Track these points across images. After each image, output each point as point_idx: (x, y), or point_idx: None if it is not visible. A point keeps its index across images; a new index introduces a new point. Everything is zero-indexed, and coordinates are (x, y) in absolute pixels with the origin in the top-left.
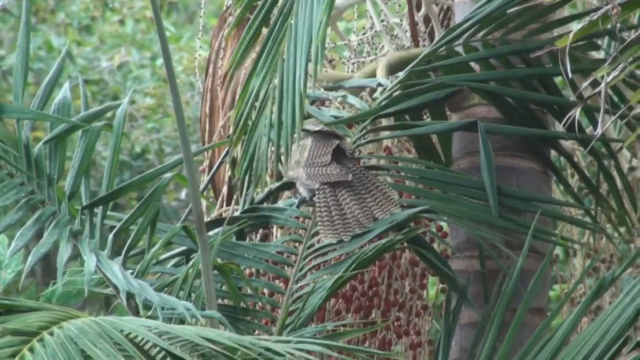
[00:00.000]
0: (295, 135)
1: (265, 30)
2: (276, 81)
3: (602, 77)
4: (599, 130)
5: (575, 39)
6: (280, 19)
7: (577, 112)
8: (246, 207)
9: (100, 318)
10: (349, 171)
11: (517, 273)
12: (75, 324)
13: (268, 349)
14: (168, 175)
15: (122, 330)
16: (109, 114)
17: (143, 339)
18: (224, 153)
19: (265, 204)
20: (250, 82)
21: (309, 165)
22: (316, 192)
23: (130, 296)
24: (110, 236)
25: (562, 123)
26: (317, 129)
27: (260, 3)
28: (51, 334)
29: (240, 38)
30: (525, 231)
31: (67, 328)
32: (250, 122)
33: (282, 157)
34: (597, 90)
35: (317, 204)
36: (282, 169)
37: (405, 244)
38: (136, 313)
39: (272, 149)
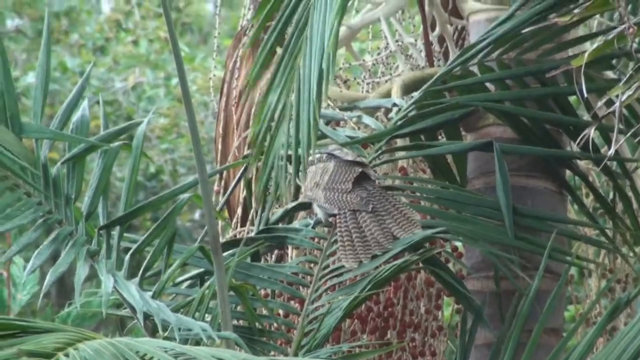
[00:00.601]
0: (312, 150)
1: (280, 49)
2: (293, 96)
3: (617, 96)
4: (612, 150)
5: (591, 58)
6: (296, 33)
7: (591, 132)
8: (261, 227)
9: (116, 339)
10: (369, 201)
11: (533, 293)
12: (91, 345)
13: None
14: (185, 195)
15: (137, 352)
16: (123, 134)
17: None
18: (239, 174)
19: (280, 225)
20: (267, 98)
21: (329, 189)
22: (337, 215)
23: (146, 317)
24: (127, 257)
25: (577, 143)
26: (348, 158)
27: (274, 22)
28: (66, 355)
29: (254, 58)
30: (540, 251)
31: (82, 349)
32: (268, 138)
33: (299, 173)
34: (611, 109)
35: (337, 228)
36: (300, 183)
37: (421, 265)
38: (152, 334)
39: (290, 165)
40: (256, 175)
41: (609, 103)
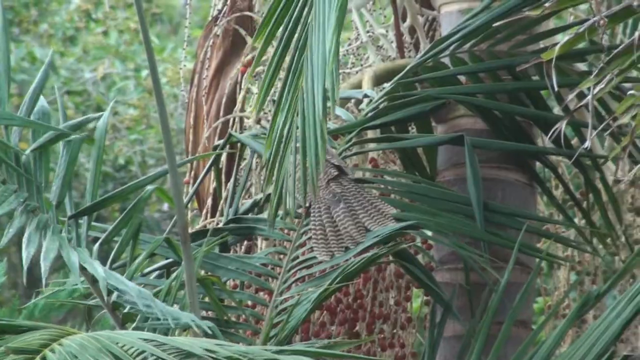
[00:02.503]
0: (320, 167)
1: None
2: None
3: (589, 88)
4: (587, 144)
5: (562, 52)
6: (297, 53)
7: (563, 126)
8: (230, 217)
9: (97, 333)
10: (342, 198)
11: (502, 287)
12: (75, 340)
13: None
14: (150, 187)
15: (123, 345)
16: (91, 125)
17: (137, 350)
18: (208, 164)
19: (249, 215)
20: (276, 120)
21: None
22: (311, 210)
23: (115, 308)
24: (95, 247)
25: (549, 137)
26: (328, 157)
27: (276, 43)
28: (52, 351)
29: (224, 47)
30: (510, 246)
31: (67, 345)
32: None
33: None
34: (583, 103)
35: (312, 221)
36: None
37: (390, 258)
38: (122, 325)
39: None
40: (268, 197)
41: (580, 95)
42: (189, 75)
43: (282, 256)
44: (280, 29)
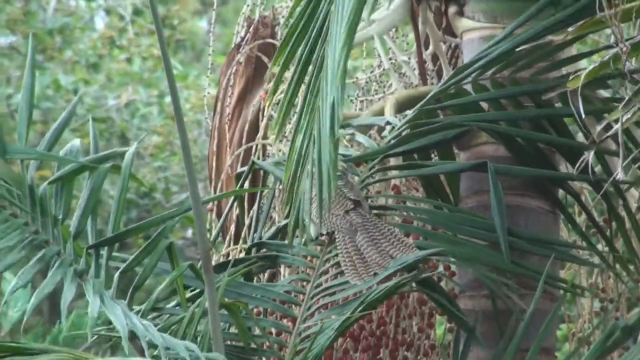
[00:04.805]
0: (332, 190)
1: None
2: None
3: (616, 120)
4: (619, 175)
5: (587, 80)
6: (315, 72)
7: (590, 157)
8: (254, 242)
9: (110, 359)
10: (359, 228)
11: (529, 315)
12: None
13: None
14: (175, 218)
15: None
16: (114, 155)
17: None
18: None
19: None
20: (295, 141)
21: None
22: (336, 239)
23: (134, 336)
24: (116, 276)
25: (575, 168)
26: (350, 195)
27: (296, 62)
28: None
29: (247, 76)
30: (536, 277)
31: None
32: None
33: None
34: (610, 133)
35: (339, 249)
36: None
37: (413, 285)
38: (141, 354)
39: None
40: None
41: (606, 124)
42: (213, 103)
43: (305, 283)
44: (300, 47)
